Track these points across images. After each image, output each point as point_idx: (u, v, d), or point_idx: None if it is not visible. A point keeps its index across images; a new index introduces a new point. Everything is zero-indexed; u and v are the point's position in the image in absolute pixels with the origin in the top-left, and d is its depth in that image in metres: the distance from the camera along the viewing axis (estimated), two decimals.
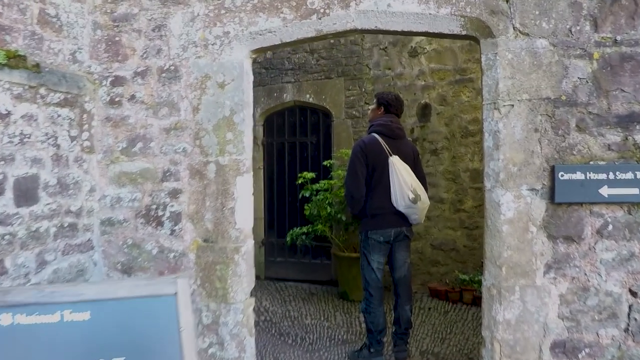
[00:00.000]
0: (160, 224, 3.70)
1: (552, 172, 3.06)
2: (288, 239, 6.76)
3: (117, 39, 3.85)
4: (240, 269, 3.57)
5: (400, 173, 4.24)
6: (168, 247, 3.69)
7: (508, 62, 3.11)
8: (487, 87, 3.16)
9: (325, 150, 7.47)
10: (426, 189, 4.43)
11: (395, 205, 4.25)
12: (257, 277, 7.82)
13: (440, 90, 6.84)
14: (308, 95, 7.51)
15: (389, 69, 7.08)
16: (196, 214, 3.62)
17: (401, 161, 4.29)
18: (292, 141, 7.75)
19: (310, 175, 6.60)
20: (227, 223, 3.57)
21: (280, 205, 7.80)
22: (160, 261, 3.71)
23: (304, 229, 6.66)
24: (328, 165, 6.79)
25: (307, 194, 6.54)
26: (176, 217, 3.67)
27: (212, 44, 3.61)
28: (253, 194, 3.76)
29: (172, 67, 3.69)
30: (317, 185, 6.59)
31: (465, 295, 6.43)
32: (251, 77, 3.74)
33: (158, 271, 3.72)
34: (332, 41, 7.37)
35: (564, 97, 3.09)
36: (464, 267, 6.73)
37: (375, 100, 4.66)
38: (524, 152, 3.09)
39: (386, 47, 7.10)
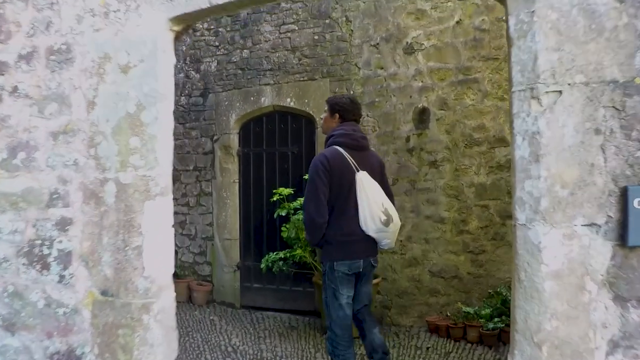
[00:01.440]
0: (46, 266, 2.51)
1: (624, 196, 1.86)
2: (262, 265, 5.54)
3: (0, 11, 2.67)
4: (152, 335, 2.35)
5: (370, 191, 3.42)
6: (57, 300, 2.49)
7: (552, 25, 1.91)
8: (519, 66, 1.96)
9: (308, 161, 6.24)
10: (394, 206, 3.60)
11: (364, 229, 3.41)
12: (232, 306, 6.60)
13: (441, 92, 5.66)
14: (289, 99, 6.32)
15: (381, 68, 5.90)
16: (91, 254, 2.42)
17: (369, 177, 3.46)
18: (271, 151, 6.55)
19: (287, 191, 5.40)
20: (132, 269, 2.36)
21: (258, 225, 6.59)
22: (48, 318, 2.51)
23: (281, 254, 5.45)
24: None
25: (283, 213, 5.33)
26: (65, 258, 2.47)
27: (115, 11, 2.42)
28: (228, 211, 2.54)
29: (64, 47, 2.52)
30: (297, 202, 5.39)
31: (470, 332, 5.22)
32: (172, 60, 2.52)
33: (45, 332, 2.52)
34: (316, 37, 6.19)
35: (639, 80, 1.89)
36: (467, 297, 5.53)
37: (326, 107, 3.70)
38: (579, 165, 1.88)
39: (378, 44, 5.92)
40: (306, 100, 6.22)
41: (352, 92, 5.93)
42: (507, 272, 5.33)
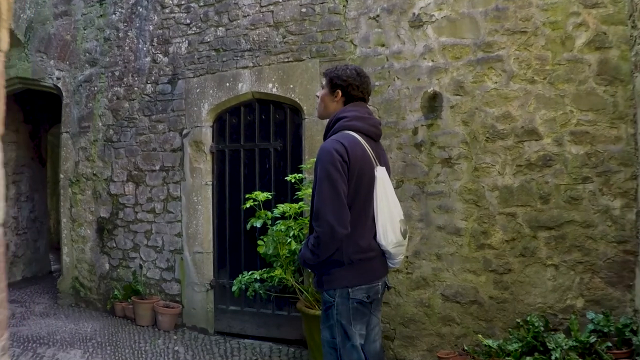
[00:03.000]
0: None
1: None
2: (235, 287, 4.37)
3: None
4: None
5: (391, 193, 2.61)
6: None
7: None
8: None
9: (294, 159, 5.11)
10: None
11: (382, 243, 2.56)
12: (204, 332, 5.40)
13: (456, 73, 4.49)
14: (271, 85, 5.15)
15: (382, 45, 4.73)
16: None
17: (387, 176, 2.64)
18: (249, 148, 5.39)
19: (263, 196, 4.24)
20: None
21: (235, 235, 5.41)
22: None
23: (256, 274, 4.27)
24: (293, 180, 4.41)
25: (258, 224, 4.16)
26: None
27: None
28: (199, 218, 1.88)
29: None
30: (278, 210, 4.22)
31: None
32: None
33: None
34: (303, 10, 5.03)
35: None
36: (489, 327, 4.37)
37: (324, 82, 2.74)
38: None
39: (378, 16, 4.75)
40: (291, 86, 5.05)
41: None
42: (540, 296, 4.18)
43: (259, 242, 4.29)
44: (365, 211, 2.47)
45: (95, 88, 6.28)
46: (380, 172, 2.52)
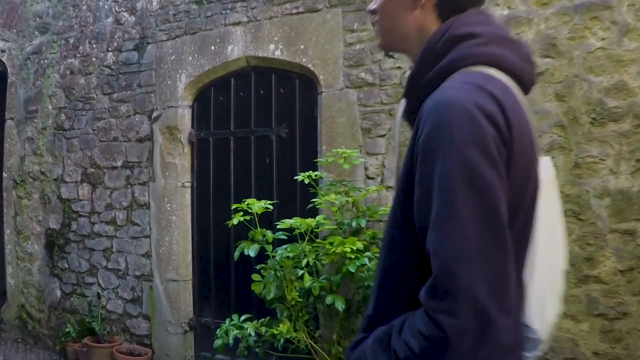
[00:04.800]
0: None
1: None
2: (218, 341, 2.79)
3: None
4: None
5: (557, 216, 0.99)
6: None
7: None
8: None
9: (306, 150, 3.55)
10: None
11: (537, 324, 0.93)
12: None
13: (543, 26, 3.04)
14: (273, 46, 3.60)
15: None
16: None
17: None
18: (243, 135, 3.88)
19: (260, 206, 2.64)
20: None
21: (222, 257, 3.87)
22: None
23: (250, 328, 2.70)
24: (307, 181, 2.83)
25: (252, 252, 2.58)
26: None
27: None
28: (174, 233, 1.35)
29: None
30: (282, 225, 2.66)
31: None
32: None
33: None
34: None
35: None
36: None
37: None
38: None
39: None
40: (302, 47, 3.51)
41: None
42: None
43: (254, 276, 2.70)
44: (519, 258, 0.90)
45: (46, 61, 4.84)
46: (546, 169, 0.98)
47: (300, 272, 2.58)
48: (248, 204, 2.66)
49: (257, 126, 3.78)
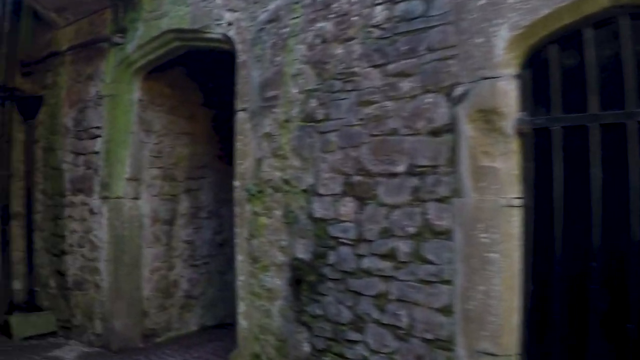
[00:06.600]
0: None
1: None
2: None
3: None
4: None
5: None
6: None
7: None
8: None
9: None
10: None
11: None
12: None
13: None
14: None
15: None
16: None
17: None
18: (614, 122, 3.02)
19: None
20: None
21: (578, 320, 2.93)
22: None
23: None
24: None
25: None
26: None
27: None
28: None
29: None
30: None
31: None
32: None
33: None
34: None
35: None
36: None
37: None
38: None
39: None
40: None
41: None
42: None
43: None
44: None
45: (286, 30, 4.71)
46: None
47: None
48: None
49: None
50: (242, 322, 4.97)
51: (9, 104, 7.16)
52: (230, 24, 5.11)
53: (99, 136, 6.31)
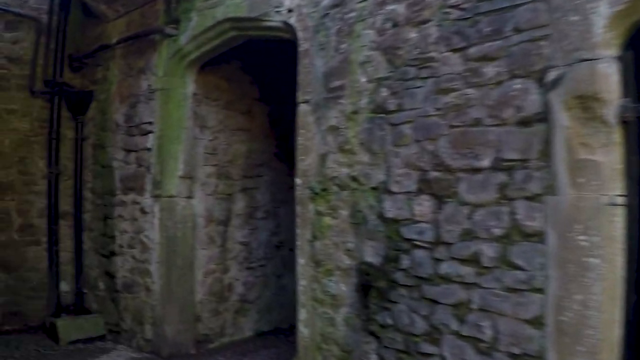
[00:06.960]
0: None
1: None
2: None
3: None
4: None
5: None
6: None
7: None
8: None
9: None
10: None
11: None
12: None
13: None
14: None
15: None
16: None
17: None
18: None
19: None
20: None
21: None
22: None
23: None
24: None
25: None
26: None
27: None
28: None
29: None
30: None
31: None
32: None
33: None
34: None
35: None
36: None
37: None
38: None
39: None
40: None
41: None
42: None
43: None
44: None
45: (353, 14, 4.63)
46: None
47: None
48: None
49: None
50: (303, 330, 4.93)
51: (57, 99, 7.29)
52: (290, 10, 5.06)
53: (151, 132, 6.35)
